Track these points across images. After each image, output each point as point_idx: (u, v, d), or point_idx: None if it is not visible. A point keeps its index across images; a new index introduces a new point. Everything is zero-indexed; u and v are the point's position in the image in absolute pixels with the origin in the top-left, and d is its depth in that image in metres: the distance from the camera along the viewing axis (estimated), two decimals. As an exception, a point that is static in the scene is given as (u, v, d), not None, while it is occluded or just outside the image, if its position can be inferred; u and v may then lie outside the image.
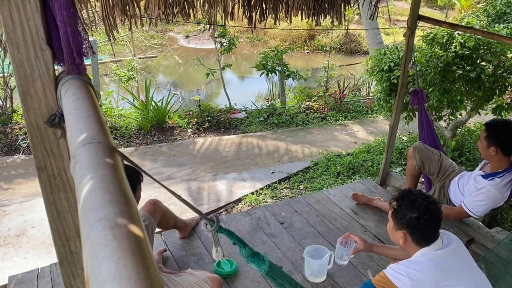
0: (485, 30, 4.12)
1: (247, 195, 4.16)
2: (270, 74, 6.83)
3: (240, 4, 2.92)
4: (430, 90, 3.98)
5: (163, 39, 14.33)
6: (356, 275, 2.42)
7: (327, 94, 7.37)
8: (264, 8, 2.95)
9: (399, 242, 1.68)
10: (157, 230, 2.56)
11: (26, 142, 5.17)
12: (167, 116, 6.23)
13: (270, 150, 5.49)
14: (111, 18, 2.54)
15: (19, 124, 5.46)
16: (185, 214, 3.46)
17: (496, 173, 2.44)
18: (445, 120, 4.66)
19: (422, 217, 1.58)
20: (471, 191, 2.57)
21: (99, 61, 7.97)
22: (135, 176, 2.02)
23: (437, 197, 2.81)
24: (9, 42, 0.84)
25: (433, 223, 1.61)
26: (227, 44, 7.05)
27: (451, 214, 2.63)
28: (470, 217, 2.57)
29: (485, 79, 3.75)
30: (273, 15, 2.97)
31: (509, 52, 3.84)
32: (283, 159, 5.21)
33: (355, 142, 5.83)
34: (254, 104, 7.62)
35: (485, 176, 2.49)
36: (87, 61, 5.31)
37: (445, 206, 2.65)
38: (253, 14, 2.95)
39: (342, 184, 4.23)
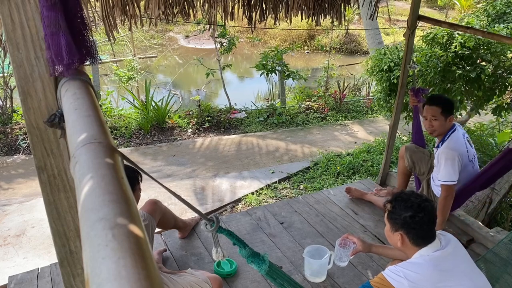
0: (485, 30, 4.12)
1: (247, 195, 4.16)
2: (270, 74, 6.83)
3: (240, 4, 2.92)
4: (430, 90, 3.98)
5: (163, 39, 14.33)
6: (356, 275, 2.42)
7: (327, 94, 7.37)
8: (264, 8, 2.95)
9: (397, 244, 1.68)
10: (157, 230, 2.56)
11: (26, 142, 5.17)
12: (167, 116, 6.23)
13: (270, 150, 5.49)
14: (111, 18, 2.54)
15: (19, 124, 5.47)
16: (185, 214, 3.46)
17: (444, 138, 2.63)
18: (445, 120, 4.66)
19: (416, 215, 1.60)
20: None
21: (99, 61, 7.96)
22: (133, 176, 2.02)
23: (426, 194, 2.85)
24: (9, 42, 0.84)
25: (428, 221, 1.62)
26: (227, 44, 7.05)
27: (443, 204, 2.60)
28: (452, 185, 2.55)
29: (485, 79, 3.75)
30: (273, 15, 2.97)
31: (509, 52, 3.84)
32: (283, 159, 5.21)
33: (355, 142, 5.83)
34: (254, 104, 7.62)
35: (438, 146, 2.68)
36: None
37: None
38: (253, 14, 2.95)
39: (342, 184, 4.23)
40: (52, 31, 0.81)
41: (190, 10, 2.80)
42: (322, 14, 3.09)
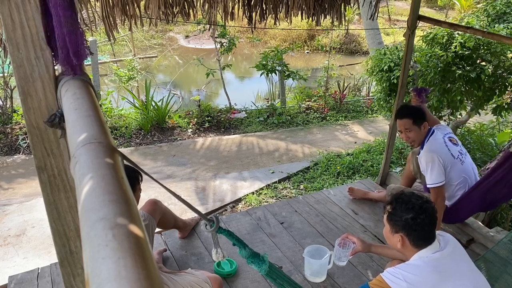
0: (485, 30, 4.12)
1: (247, 195, 4.16)
2: (270, 74, 6.83)
3: (240, 4, 2.92)
4: (430, 90, 3.99)
5: (163, 39, 14.32)
6: (356, 275, 2.42)
7: (327, 94, 7.37)
8: (264, 8, 2.95)
9: (397, 246, 1.66)
10: (157, 230, 2.56)
11: (26, 142, 5.17)
12: (167, 116, 6.23)
13: (270, 150, 5.49)
14: (111, 18, 2.54)
15: (19, 124, 5.47)
16: (185, 214, 3.46)
17: (423, 142, 2.66)
18: (445, 120, 4.66)
19: (418, 217, 1.58)
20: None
21: (99, 61, 7.97)
22: (133, 176, 2.02)
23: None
24: (9, 42, 0.84)
25: (429, 222, 1.60)
26: (227, 44, 7.04)
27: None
28: (440, 186, 2.55)
29: (485, 79, 3.75)
30: (273, 15, 2.97)
31: (509, 52, 3.84)
32: (283, 159, 5.21)
33: (355, 142, 5.83)
34: (254, 104, 7.62)
35: (419, 153, 2.71)
36: (87, 61, 5.32)
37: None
38: (253, 14, 2.95)
39: (342, 184, 4.23)
40: (69, 29, 0.82)
41: (190, 10, 2.80)
42: (322, 14, 3.09)
